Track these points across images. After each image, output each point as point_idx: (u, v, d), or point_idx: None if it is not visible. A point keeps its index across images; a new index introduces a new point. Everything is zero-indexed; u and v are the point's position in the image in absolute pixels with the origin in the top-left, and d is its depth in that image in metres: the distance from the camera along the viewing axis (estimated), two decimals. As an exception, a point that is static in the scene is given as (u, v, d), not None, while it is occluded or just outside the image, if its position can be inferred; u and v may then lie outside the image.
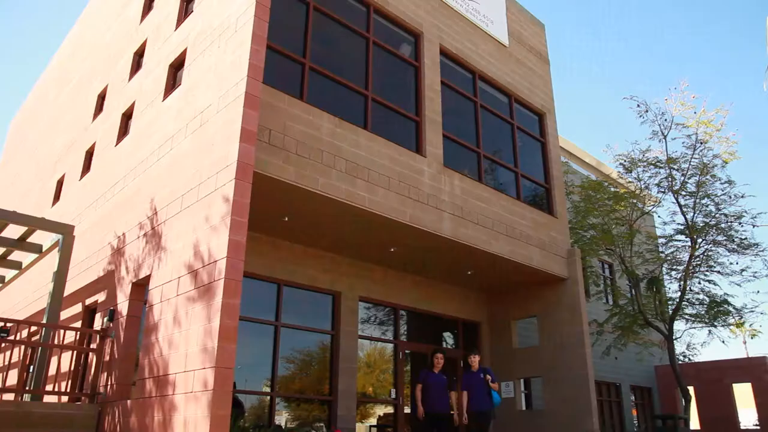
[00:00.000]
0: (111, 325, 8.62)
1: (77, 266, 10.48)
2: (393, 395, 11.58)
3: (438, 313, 12.79)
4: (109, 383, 8.19)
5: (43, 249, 10.75)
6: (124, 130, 10.87)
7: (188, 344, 6.57)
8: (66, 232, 9.79)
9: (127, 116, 10.94)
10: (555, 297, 12.48)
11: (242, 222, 6.65)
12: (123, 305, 8.51)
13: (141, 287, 8.47)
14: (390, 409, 11.67)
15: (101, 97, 12.85)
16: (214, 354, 6.07)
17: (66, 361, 9.27)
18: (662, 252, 17.00)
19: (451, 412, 9.17)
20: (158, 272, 7.77)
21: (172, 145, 8.51)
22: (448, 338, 13.44)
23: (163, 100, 9.36)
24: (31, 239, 10.98)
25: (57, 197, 13.68)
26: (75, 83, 15.39)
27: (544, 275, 12.05)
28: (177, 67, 9.59)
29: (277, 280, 10.20)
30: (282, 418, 10.11)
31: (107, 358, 8.49)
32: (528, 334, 13.98)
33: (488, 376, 8.73)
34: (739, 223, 15.46)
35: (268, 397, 9.83)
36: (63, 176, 13.56)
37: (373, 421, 11.62)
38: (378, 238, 10.13)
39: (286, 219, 9.28)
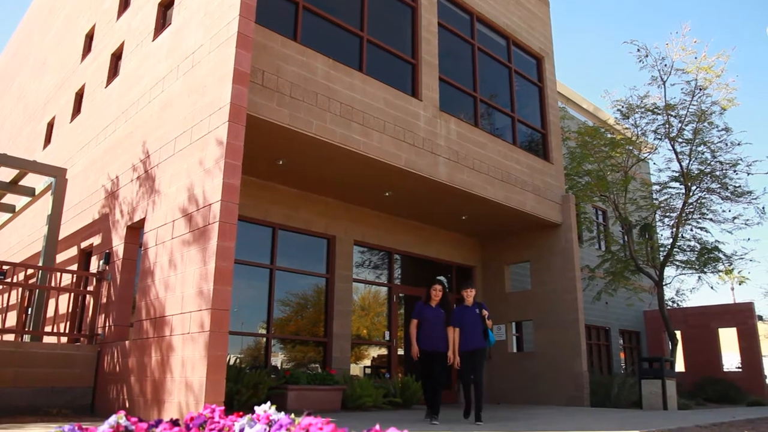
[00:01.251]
0: (107, 267, 8.66)
1: (71, 209, 10.45)
2: (387, 337, 11.81)
3: (432, 257, 12.91)
4: (107, 325, 8.29)
5: (36, 192, 10.69)
6: (113, 71, 10.64)
7: (184, 287, 6.62)
8: (58, 174, 9.72)
9: (117, 57, 10.69)
10: (548, 242, 12.57)
11: (236, 165, 6.60)
12: (118, 248, 8.53)
13: (136, 230, 8.47)
14: (384, 351, 11.92)
15: (89, 37, 12.52)
16: (210, 296, 6.12)
17: (64, 303, 9.36)
18: (656, 199, 17.05)
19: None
20: (153, 215, 7.75)
21: (163, 87, 8.34)
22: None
23: (153, 40, 9.12)
24: (23, 182, 10.91)
25: (48, 140, 13.51)
26: (61, 23, 14.97)
27: (538, 221, 12.11)
28: (166, 5, 9.31)
29: (272, 223, 10.21)
30: (278, 359, 10.33)
31: (104, 300, 8.57)
32: (520, 279, 14.16)
33: (485, 312, 7.82)
34: (734, 171, 15.45)
35: (264, 339, 10.00)
36: (53, 118, 13.35)
37: (368, 362, 11.88)
38: (373, 182, 10.11)
39: (281, 162, 9.22)
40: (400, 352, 12.03)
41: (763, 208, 15.81)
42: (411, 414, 8.87)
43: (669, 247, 15.84)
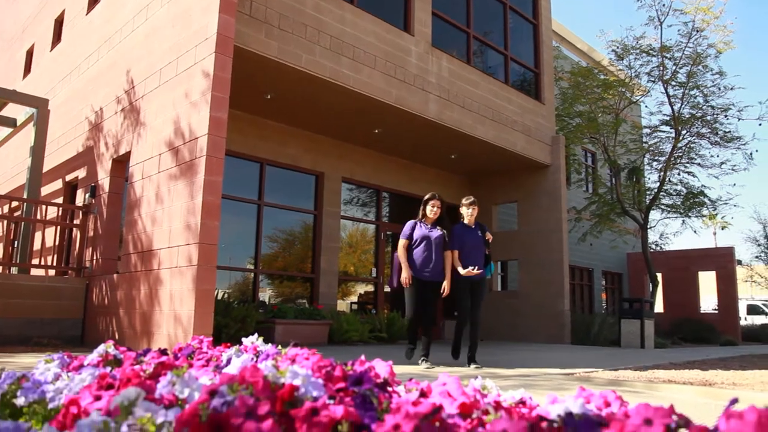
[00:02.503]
0: (93, 201, 8.59)
1: (55, 141, 10.25)
2: (374, 274, 11.94)
3: (420, 195, 12.86)
4: (95, 258, 8.29)
5: (18, 123, 10.45)
6: (95, -2, 10.24)
7: (171, 221, 6.60)
8: (40, 105, 9.49)
9: (98, -18, 10.26)
10: (536, 183, 12.60)
11: (223, 98, 6.46)
12: (104, 181, 8.43)
13: (121, 164, 8.35)
14: (371, 288, 12.08)
15: (68, -40, 11.98)
16: (198, 231, 6.11)
17: (50, 236, 9.32)
18: (646, 142, 17.04)
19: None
20: (138, 149, 7.63)
21: (147, 14, 8.05)
22: (430, 222, 13.67)
23: (136, -36, 8.74)
24: (4, 113, 10.65)
25: (28, 69, 13.11)
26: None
27: (527, 161, 12.08)
28: (149, -73, 8.87)
29: (260, 159, 10.12)
30: (265, 294, 10.44)
31: (91, 233, 8.53)
32: (507, 219, 14.26)
33: (489, 235, 6.62)
34: (725, 116, 15.40)
35: (252, 274, 10.07)
36: (32, 47, 12.92)
37: (354, 299, 12.05)
38: (362, 119, 9.98)
39: (269, 97, 9.04)
40: (387, 289, 12.19)
41: (751, 153, 15.88)
42: (397, 349, 9.07)
43: (655, 190, 15.95)
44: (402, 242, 6.40)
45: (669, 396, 4.33)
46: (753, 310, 29.27)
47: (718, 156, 16.44)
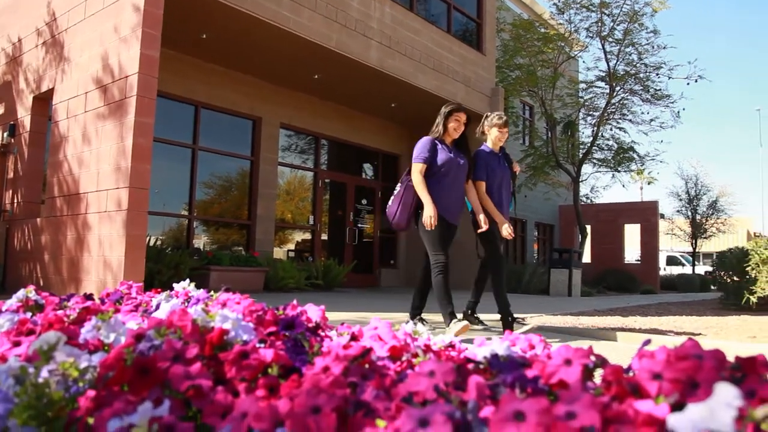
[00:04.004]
0: (12, 140, 8.10)
1: (-31, 75, 9.55)
2: (311, 222, 11.90)
3: (359, 143, 12.84)
4: (16, 201, 7.88)
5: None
6: None
7: (99, 163, 6.32)
8: (-49, 34, 8.77)
9: None
10: (474, 134, 12.69)
11: (155, 35, 6.14)
12: (24, 120, 7.95)
13: (44, 101, 7.88)
14: (308, 236, 12.05)
15: None
16: (128, 174, 5.88)
17: (-34, 176, 8.77)
18: (581, 97, 17.42)
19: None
20: (62, 86, 7.20)
21: (69, -60, 7.48)
22: (368, 170, 13.66)
23: None
24: None
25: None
26: None
27: (467, 112, 12.12)
28: None
29: (195, 101, 9.76)
30: (200, 241, 10.26)
31: (11, 175, 8.09)
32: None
33: (516, 166, 5.32)
34: (657, 74, 15.90)
35: (186, 221, 9.85)
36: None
37: (292, 246, 12.01)
38: (302, 63, 9.72)
39: (204, 36, 8.66)
40: (324, 236, 12.20)
41: (678, 112, 16.53)
42: (333, 296, 9.15)
43: (589, 145, 16.43)
44: (419, 166, 4.50)
45: (592, 340, 4.57)
46: (672, 261, 31.09)
47: (648, 113, 17.08)
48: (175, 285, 2.04)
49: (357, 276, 12.21)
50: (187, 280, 2.08)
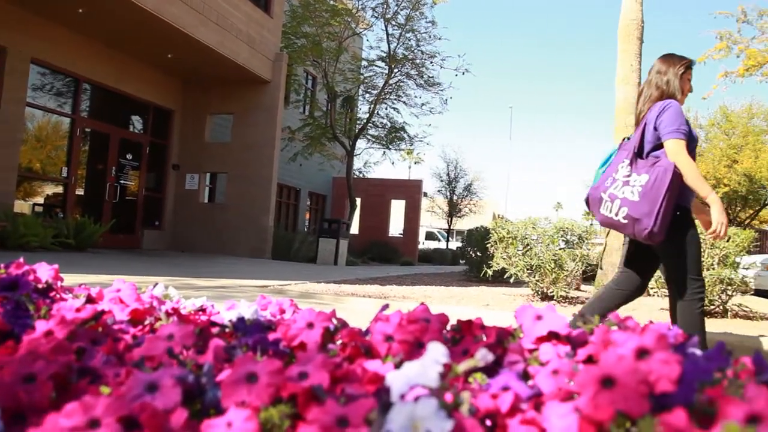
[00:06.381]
0: None
1: None
2: (65, 174, 10.65)
3: (128, 93, 11.76)
4: None
5: None
6: None
7: None
8: None
9: None
10: (254, 98, 12.48)
11: None
12: None
13: None
14: (60, 189, 10.79)
15: None
16: None
17: None
18: (362, 74, 18.07)
19: None
20: None
21: None
22: (137, 122, 12.63)
23: None
24: None
25: None
26: None
27: (248, 74, 11.84)
28: None
29: None
30: None
31: None
32: (221, 131, 13.92)
33: None
34: (431, 62, 17.13)
35: None
36: None
37: (40, 200, 10.67)
38: (63, -7, 8.57)
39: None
40: (79, 191, 11.03)
41: (446, 99, 18.05)
42: (84, 257, 8.35)
43: (365, 121, 17.17)
44: (682, 143, 2.74)
45: (351, 307, 4.81)
46: (430, 236, 34.18)
47: (420, 97, 18.37)
48: None
49: (116, 237, 11.30)
50: None
